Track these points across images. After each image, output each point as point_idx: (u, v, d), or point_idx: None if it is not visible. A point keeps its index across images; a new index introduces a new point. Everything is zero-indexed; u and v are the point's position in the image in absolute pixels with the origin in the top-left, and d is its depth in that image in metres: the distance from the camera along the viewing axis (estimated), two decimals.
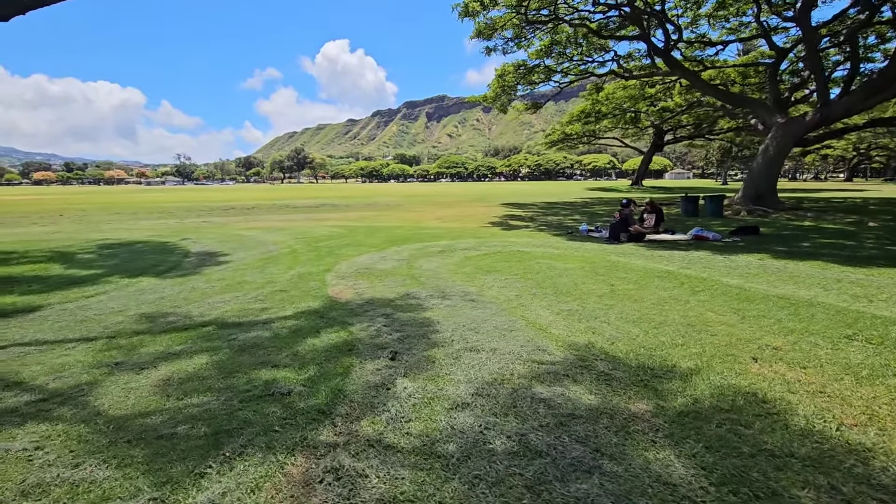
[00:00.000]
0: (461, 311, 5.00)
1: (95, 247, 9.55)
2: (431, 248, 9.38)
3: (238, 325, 4.58)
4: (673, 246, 9.52)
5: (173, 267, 7.58)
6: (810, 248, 9.09)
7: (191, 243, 10.06)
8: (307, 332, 4.37)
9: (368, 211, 19.62)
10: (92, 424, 2.72)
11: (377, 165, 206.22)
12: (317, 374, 3.43)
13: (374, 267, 7.52)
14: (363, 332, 4.38)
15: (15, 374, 3.45)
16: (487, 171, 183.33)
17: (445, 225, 13.72)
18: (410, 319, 4.74)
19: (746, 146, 61.88)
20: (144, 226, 13.97)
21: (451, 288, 6.06)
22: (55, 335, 4.31)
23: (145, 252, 8.91)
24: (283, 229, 12.46)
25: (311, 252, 8.94)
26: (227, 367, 3.54)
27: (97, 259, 8.17)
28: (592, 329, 4.38)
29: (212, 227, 13.18)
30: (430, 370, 3.49)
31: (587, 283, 6.29)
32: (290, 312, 5.02)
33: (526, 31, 18.81)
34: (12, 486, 2.17)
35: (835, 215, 15.79)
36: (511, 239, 10.70)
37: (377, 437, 2.59)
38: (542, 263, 7.69)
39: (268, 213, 19.26)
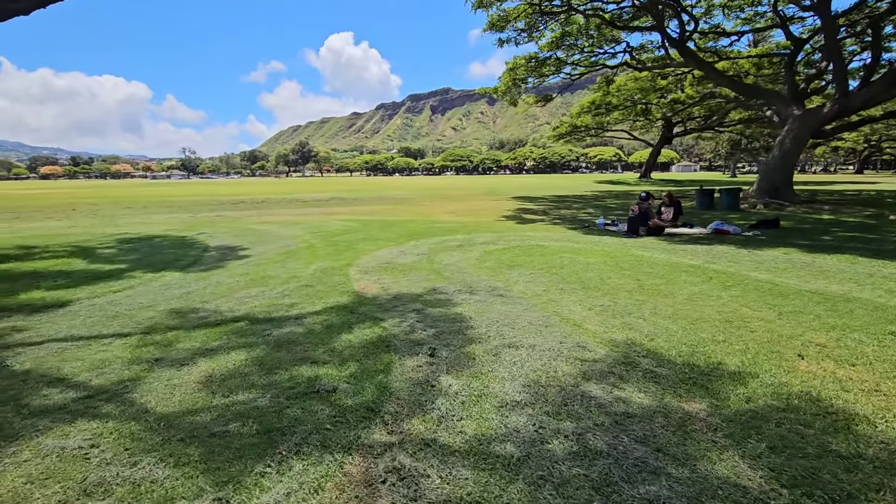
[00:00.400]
0: (492, 307, 4.95)
1: (114, 241, 9.57)
2: (449, 242, 9.33)
3: (270, 321, 4.55)
4: (693, 240, 9.42)
5: (195, 261, 7.57)
6: (834, 242, 8.96)
7: (208, 238, 10.05)
8: (340, 327, 4.34)
9: (379, 205, 19.56)
10: (142, 422, 2.70)
11: (382, 159, 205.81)
12: (358, 370, 3.39)
13: (395, 262, 7.47)
14: (396, 327, 4.34)
15: (56, 370, 3.44)
16: (492, 165, 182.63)
17: (459, 219, 13.65)
18: (442, 315, 4.70)
19: (756, 138, 61.22)
20: (158, 220, 13.99)
21: (477, 283, 6.01)
22: (89, 331, 4.30)
23: (164, 246, 8.91)
24: (297, 223, 12.44)
25: (329, 247, 8.90)
26: (266, 364, 3.51)
27: (118, 254, 8.17)
28: (629, 325, 4.32)
29: (226, 222, 13.18)
30: (472, 367, 3.45)
31: (613, 277, 6.23)
32: (319, 308, 4.99)
33: (538, 22, 18.57)
34: (74, 485, 2.15)
35: (852, 208, 15.59)
36: (528, 233, 10.63)
37: (431, 436, 2.55)
38: (564, 258, 7.62)
39: (278, 207, 19.25)
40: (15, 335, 4.19)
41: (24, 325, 4.48)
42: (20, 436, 2.56)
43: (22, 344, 3.97)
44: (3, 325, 4.48)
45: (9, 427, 2.65)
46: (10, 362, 3.57)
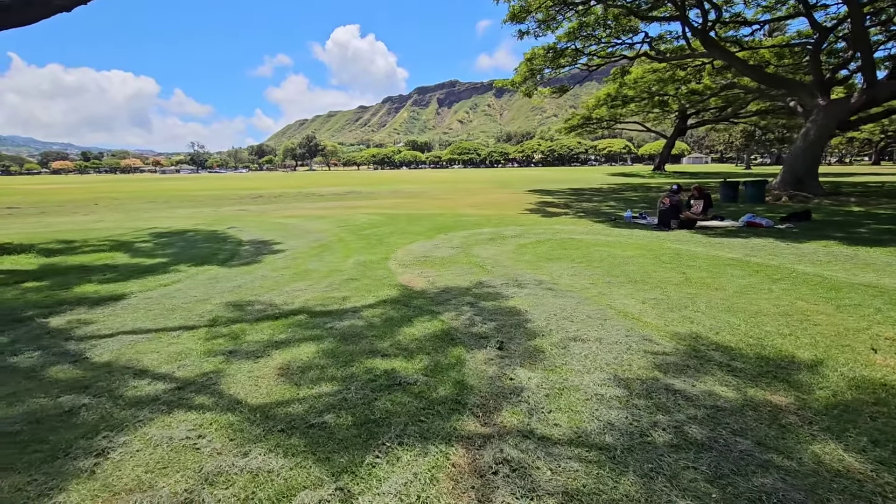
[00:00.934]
0: (544, 300, 4.96)
1: (148, 235, 9.68)
2: (479, 235, 9.33)
3: (328, 314, 4.59)
4: (727, 233, 9.34)
5: (232, 255, 7.65)
6: (872, 235, 8.84)
7: (238, 232, 10.13)
8: (399, 320, 4.37)
9: (397, 199, 19.57)
10: (237, 413, 2.75)
11: (389, 152, 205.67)
12: (431, 364, 3.42)
13: (431, 255, 7.49)
14: (455, 321, 4.36)
15: (136, 361, 3.50)
16: (500, 157, 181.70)
17: (482, 212, 13.63)
18: (497, 308, 4.72)
19: (771, 129, 60.41)
20: (183, 214, 14.11)
21: (521, 276, 6.02)
22: (154, 323, 4.37)
23: (198, 241, 9.00)
24: (322, 217, 12.50)
25: (361, 241, 8.94)
26: (338, 356, 3.55)
27: (156, 248, 8.27)
28: (689, 319, 4.31)
29: (250, 216, 13.27)
30: (544, 360, 3.47)
31: (657, 271, 6.20)
32: (371, 301, 5.02)
33: (557, 12, 18.38)
34: (193, 475, 2.20)
35: (879, 200, 15.37)
36: (555, 226, 10.60)
37: (527, 428, 2.57)
38: (600, 251, 7.60)
39: (296, 201, 19.33)
40: (84, 328, 4.27)
41: (88, 317, 4.56)
42: (125, 426, 2.62)
43: (94, 336, 4.05)
44: (69, 317, 4.56)
45: (111, 417, 2.71)
46: (90, 354, 3.64)
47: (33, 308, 4.86)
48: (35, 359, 3.57)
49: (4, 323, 4.42)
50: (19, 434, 2.55)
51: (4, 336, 4.07)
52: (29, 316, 4.61)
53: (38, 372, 3.34)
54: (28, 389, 3.07)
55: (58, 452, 2.38)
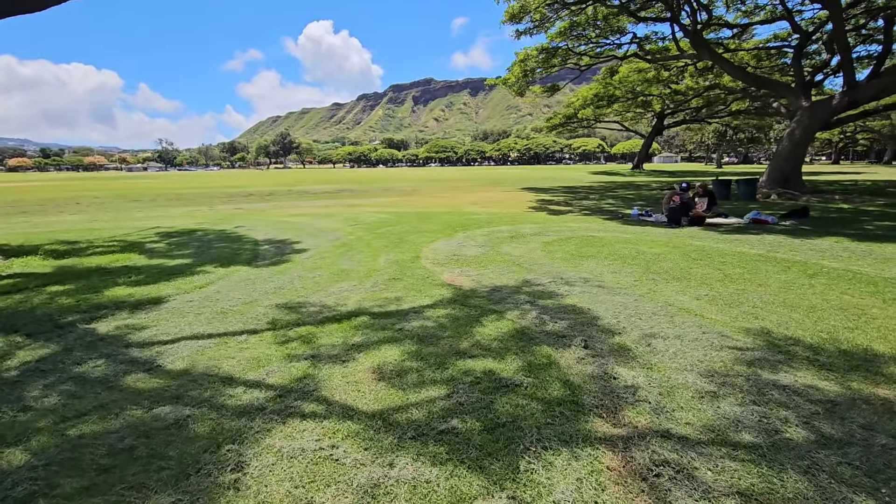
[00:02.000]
0: (601, 298, 4.96)
1: (155, 235, 9.27)
2: (498, 233, 9.30)
3: (389, 315, 4.48)
4: (736, 230, 9.59)
5: (255, 256, 7.39)
6: (875, 231, 9.23)
7: (249, 231, 9.82)
8: (467, 320, 4.30)
9: (393, 196, 19.37)
10: (357, 420, 2.64)
11: (365, 150, 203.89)
12: (524, 364, 3.37)
13: (461, 253, 7.42)
14: (522, 320, 4.32)
15: (216, 368, 3.33)
16: (477, 156, 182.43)
17: (489, 210, 13.61)
18: (558, 306, 4.69)
19: (742, 130, 62.59)
20: (178, 213, 13.59)
21: (564, 274, 6.02)
22: (211, 327, 4.17)
23: (212, 241, 8.67)
24: (329, 216, 12.24)
25: (380, 239, 8.79)
26: (426, 358, 3.46)
27: (170, 248, 7.92)
28: (751, 315, 4.39)
29: (251, 215, 12.88)
30: (637, 358, 3.46)
31: (693, 267, 6.30)
32: (428, 301, 4.93)
33: (550, 13, 18.51)
34: (348, 488, 2.09)
35: (861, 198, 16.09)
36: (569, 224, 10.67)
37: (661, 428, 2.55)
38: (627, 248, 7.68)
39: (290, 199, 18.89)
40: (138, 333, 4.04)
41: (136, 322, 4.32)
42: (244, 438, 2.47)
43: (154, 342, 3.83)
44: (116, 323, 4.31)
45: (224, 429, 2.56)
46: (161, 361, 3.44)
47: (71, 313, 4.57)
48: (103, 367, 3.35)
49: (47, 330, 4.13)
50: (135, 449, 2.37)
51: (55, 344, 3.81)
52: (70, 322, 4.33)
53: (115, 382, 3.13)
54: (115, 401, 2.88)
55: (187, 468, 2.23)
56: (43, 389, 3.04)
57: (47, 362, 3.46)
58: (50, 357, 3.56)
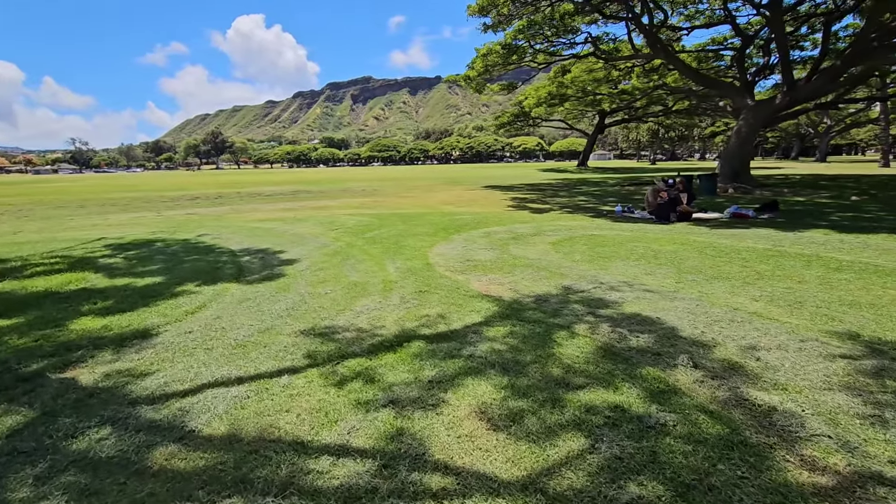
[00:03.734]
0: (660, 304, 4.60)
1: (104, 248, 7.87)
2: (496, 234, 8.83)
3: (446, 337, 3.83)
4: (723, 224, 9.75)
5: (240, 269, 6.39)
6: (844, 221, 9.70)
7: (217, 240, 8.63)
8: (538, 339, 3.76)
9: (359, 197, 18.36)
10: (510, 497, 2.01)
11: (304, 149, 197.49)
12: (645, 393, 2.88)
13: (473, 258, 6.86)
14: (597, 334, 3.84)
15: (273, 429, 2.53)
16: (420, 154, 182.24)
17: (468, 210, 13.11)
18: (622, 316, 4.26)
19: (673, 128, 66.59)
20: (121, 221, 11.88)
21: (599, 278, 5.63)
22: (235, 367, 3.32)
23: (179, 253, 7.47)
24: (302, 220, 11.17)
25: (374, 245, 8.02)
26: (527, 393, 2.88)
27: (131, 264, 6.68)
28: (824, 315, 4.18)
29: (210, 221, 11.51)
30: (759, 377, 3.08)
31: (721, 265, 6.14)
32: (477, 317, 4.32)
33: (514, 10, 18.35)
34: None
35: (805, 190, 17.27)
36: (559, 222, 10.41)
37: (869, 471, 2.15)
38: (640, 246, 7.46)
39: (243, 202, 17.34)
40: (140, 383, 3.11)
41: (131, 366, 3.37)
42: None
43: (168, 395, 2.94)
44: (103, 368, 3.33)
45: None
46: (193, 424, 2.60)
47: (34, 358, 3.51)
48: (114, 441, 2.46)
49: (8, 385, 3.10)
50: None
51: (27, 407, 2.83)
52: (37, 371, 3.30)
53: (140, 463, 2.28)
54: (154, 496, 2.05)
55: None
56: (35, 487, 2.13)
57: (25, 438, 2.51)
58: (27, 429, 2.60)
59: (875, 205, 12.49)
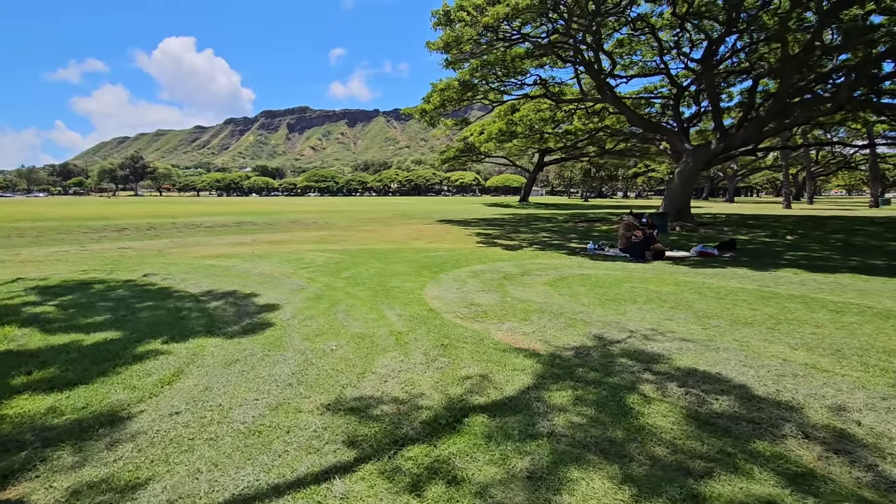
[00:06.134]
0: (708, 356, 4.30)
1: (25, 291, 6.38)
2: (484, 274, 8.38)
3: (508, 408, 3.23)
4: (696, 263, 10.02)
5: (212, 319, 5.37)
6: (806, 261, 10.31)
7: (169, 281, 7.38)
8: (612, 407, 3.27)
9: (312, 231, 17.27)
10: None
11: (236, 177, 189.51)
12: (782, 479, 2.46)
13: (475, 301, 6.32)
14: (670, 397, 3.43)
15: None
16: (359, 186, 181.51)
17: (438, 245, 12.62)
18: (679, 373, 3.90)
19: (603, 168, 71.20)
20: (39, 256, 10.01)
21: (626, 324, 5.30)
22: (259, 468, 2.48)
23: (127, 298, 6.22)
24: (263, 257, 10.04)
25: (358, 287, 7.24)
26: (664, 489, 2.35)
27: (68, 313, 5.39)
28: (874, 366, 4.07)
29: (152, 258, 10.03)
30: (882, 448, 2.77)
31: (732, 309, 6.07)
32: (527, 379, 3.75)
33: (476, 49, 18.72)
34: None
35: (741, 229, 18.64)
36: (539, 260, 10.19)
37: None
38: (637, 287, 7.33)
39: (182, 234, 15.62)
40: (132, 495, 2.20)
41: (104, 475, 2.42)
42: None
43: None
44: (61, 481, 2.35)
45: None
46: None
47: None
48: None
49: None
50: None
51: None
52: None
53: None
54: None
55: None
56: None
57: None
58: None
59: (812, 244, 13.58)
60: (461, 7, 15.39)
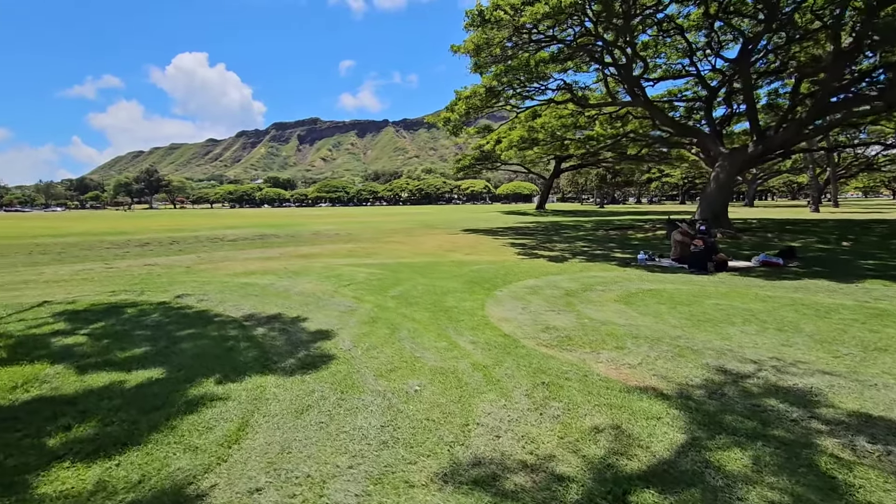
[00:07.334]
0: (868, 395, 3.57)
1: (52, 317, 5.81)
2: (542, 290, 7.67)
3: (671, 478, 2.53)
4: (763, 274, 9.21)
5: (264, 350, 4.73)
6: (889, 271, 9.45)
7: (206, 303, 6.78)
8: (792, 469, 2.58)
9: (340, 243, 16.69)
10: None
11: (248, 189, 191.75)
12: None
13: (550, 325, 5.62)
14: (867, 460, 2.70)
15: None
16: (369, 196, 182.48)
17: (477, 258, 11.94)
18: (855, 421, 3.17)
19: (619, 174, 70.21)
20: (64, 275, 9.51)
21: (741, 352, 4.57)
22: None
23: (164, 324, 5.62)
24: (296, 273, 9.44)
25: (412, 307, 6.58)
26: None
27: (104, 346, 4.78)
28: None
29: (179, 274, 9.48)
30: None
31: (853, 331, 5.31)
32: (675, 434, 3.04)
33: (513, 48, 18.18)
34: None
35: (785, 234, 17.70)
36: (593, 273, 9.45)
37: None
38: (721, 304, 6.57)
39: (207, 249, 15.13)
40: None
41: None
42: None
43: None
44: None
45: None
46: None
47: None
48: None
49: None
50: None
51: None
52: None
53: None
54: None
55: None
56: None
57: None
58: None
59: (875, 251, 12.66)
60: (497, 6, 14.85)
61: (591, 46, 18.67)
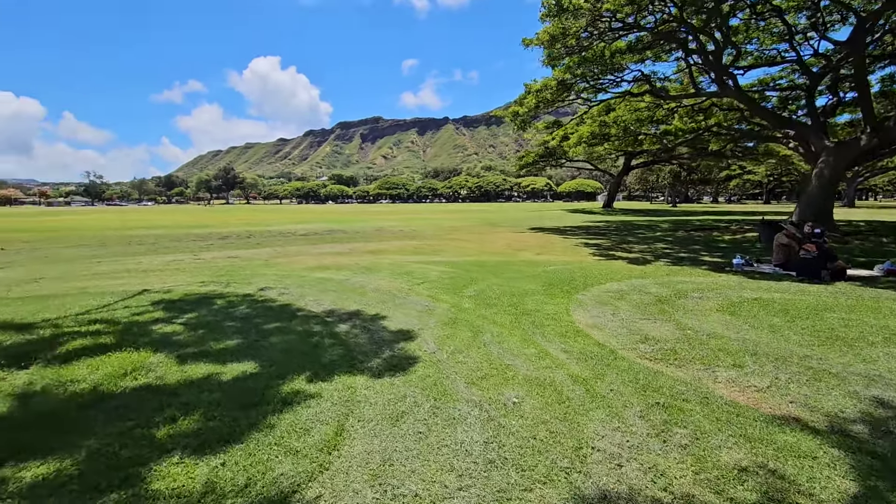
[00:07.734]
0: None
1: (151, 306, 6.15)
2: (629, 295, 7.09)
3: None
4: (894, 284, 7.99)
5: (348, 349, 4.63)
6: None
7: (287, 296, 6.91)
8: None
9: (404, 240, 16.78)
10: None
11: (314, 186, 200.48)
12: None
13: (648, 335, 5.10)
14: None
15: None
16: (429, 193, 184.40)
17: (549, 258, 11.43)
18: None
19: (694, 171, 65.81)
20: (158, 264, 10.22)
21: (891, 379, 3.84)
22: None
23: (251, 317, 5.73)
24: (371, 270, 9.47)
25: (490, 308, 6.29)
26: None
27: (199, 336, 4.92)
28: None
29: (261, 268, 9.83)
30: None
31: None
32: (841, 480, 2.53)
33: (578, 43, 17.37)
34: None
35: None
36: (682, 278, 8.67)
37: None
38: (852, 320, 5.68)
39: (279, 243, 15.75)
40: None
41: None
42: None
43: None
44: None
45: None
46: None
47: None
48: None
49: None
50: None
51: None
52: None
53: None
54: None
55: None
56: None
57: None
58: None
59: None
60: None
61: (675, 32, 17.34)
